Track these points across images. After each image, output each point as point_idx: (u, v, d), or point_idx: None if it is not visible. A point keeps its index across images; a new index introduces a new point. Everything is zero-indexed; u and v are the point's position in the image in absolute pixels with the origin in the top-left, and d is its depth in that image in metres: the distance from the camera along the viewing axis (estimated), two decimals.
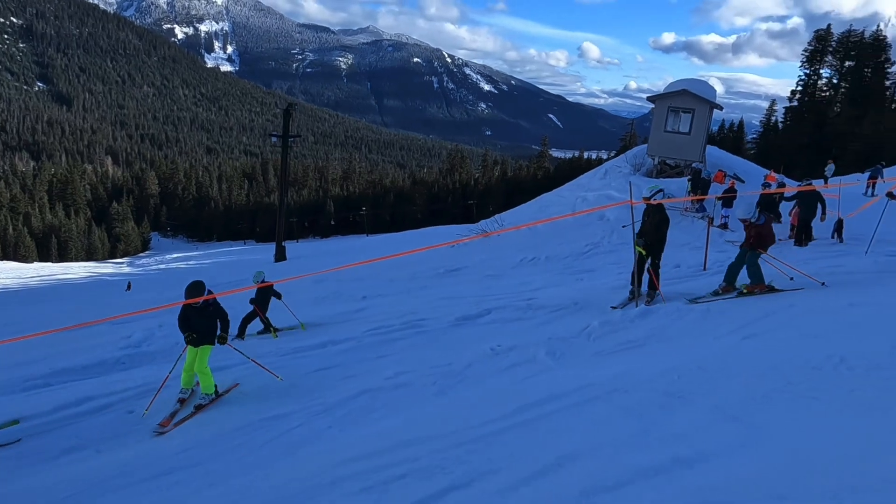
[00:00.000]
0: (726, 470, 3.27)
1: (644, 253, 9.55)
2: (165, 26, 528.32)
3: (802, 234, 14.66)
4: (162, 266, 61.35)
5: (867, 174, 29.40)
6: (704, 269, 12.34)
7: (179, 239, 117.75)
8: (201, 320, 7.55)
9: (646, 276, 9.69)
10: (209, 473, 5.44)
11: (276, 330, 12.15)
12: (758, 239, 9.00)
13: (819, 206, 14.50)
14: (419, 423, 5.22)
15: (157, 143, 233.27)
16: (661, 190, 9.67)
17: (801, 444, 3.47)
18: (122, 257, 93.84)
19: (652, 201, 9.50)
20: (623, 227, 18.38)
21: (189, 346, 7.56)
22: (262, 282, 12.52)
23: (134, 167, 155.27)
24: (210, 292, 7.53)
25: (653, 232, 9.46)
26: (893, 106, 60.74)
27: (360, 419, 6.06)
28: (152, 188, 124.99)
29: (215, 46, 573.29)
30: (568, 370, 6.19)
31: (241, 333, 12.04)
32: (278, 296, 12.84)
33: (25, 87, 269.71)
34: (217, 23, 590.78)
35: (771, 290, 8.83)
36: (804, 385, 4.40)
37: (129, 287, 35.88)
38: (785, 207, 17.40)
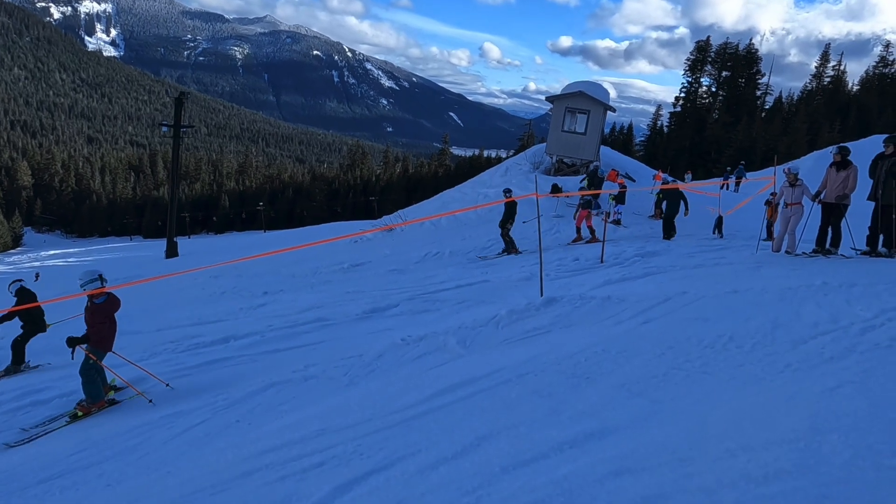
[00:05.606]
0: (634, 440, 3.46)
1: None
2: (39, 4, 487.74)
3: (669, 229, 15.80)
4: (37, 263, 56.90)
5: (734, 175, 32.05)
6: (602, 261, 12.92)
7: (56, 234, 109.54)
8: None
9: None
10: (105, 474, 5.10)
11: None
12: (97, 333, 7.13)
13: (682, 203, 16.02)
14: (333, 414, 5.15)
15: (31, 130, 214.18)
16: None
17: (698, 414, 3.73)
18: None
19: None
20: (524, 222, 18.93)
21: None
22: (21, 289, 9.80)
23: (3, 156, 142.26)
24: None
25: None
26: (763, 114, 66.17)
27: (269, 412, 5.90)
28: (24, 179, 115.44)
29: (97, 29, 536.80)
30: (479, 356, 6.30)
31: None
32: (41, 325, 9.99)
33: None
34: (99, 4, 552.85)
35: (112, 403, 7.37)
36: (699, 362, 4.73)
37: (37, 277, 33.24)
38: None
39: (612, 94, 32.40)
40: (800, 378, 4.05)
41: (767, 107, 69.80)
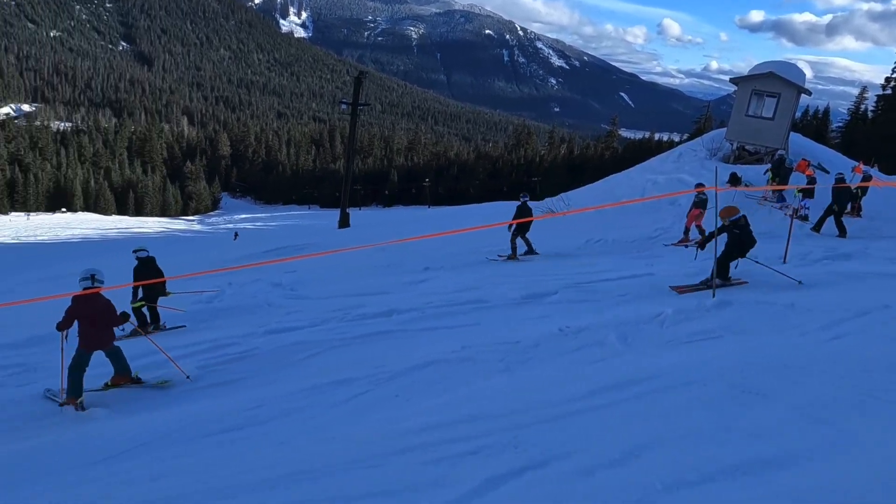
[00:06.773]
0: (816, 475, 3.12)
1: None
2: None
3: (840, 227, 15.03)
4: (230, 225, 63.42)
5: None
6: (784, 261, 11.79)
7: (247, 200, 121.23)
8: None
9: None
10: (275, 432, 5.54)
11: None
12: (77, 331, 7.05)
13: (849, 203, 15.55)
14: (488, 399, 5.21)
15: (231, 105, 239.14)
16: None
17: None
18: (193, 215, 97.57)
19: None
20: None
21: None
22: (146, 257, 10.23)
23: (208, 128, 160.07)
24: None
25: None
26: None
27: (426, 390, 6.10)
28: (224, 149, 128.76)
29: (290, 12, 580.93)
30: (639, 356, 6.05)
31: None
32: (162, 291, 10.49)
33: (110, 46, 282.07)
34: None
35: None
36: None
37: (236, 237, 37.74)
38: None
39: (808, 74, 29.23)
40: None
41: None
